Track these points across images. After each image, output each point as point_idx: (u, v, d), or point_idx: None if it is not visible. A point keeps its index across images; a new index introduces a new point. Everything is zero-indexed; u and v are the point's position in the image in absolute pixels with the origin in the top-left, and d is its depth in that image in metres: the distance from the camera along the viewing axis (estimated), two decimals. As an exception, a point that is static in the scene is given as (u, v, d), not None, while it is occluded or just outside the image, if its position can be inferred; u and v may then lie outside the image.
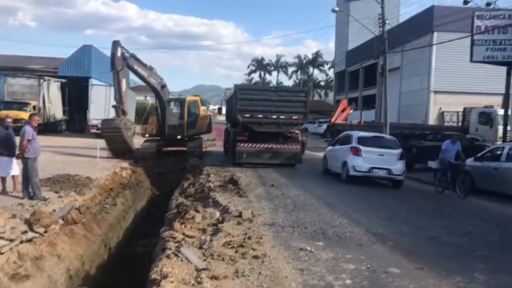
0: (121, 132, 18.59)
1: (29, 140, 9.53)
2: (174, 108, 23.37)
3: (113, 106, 19.91)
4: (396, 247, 7.36)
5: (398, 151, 14.87)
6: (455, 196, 13.14)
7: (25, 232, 7.20)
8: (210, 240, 6.99)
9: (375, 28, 26.61)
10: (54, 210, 9.00)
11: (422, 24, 34.48)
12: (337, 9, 28.56)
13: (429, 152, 19.09)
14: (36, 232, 7.44)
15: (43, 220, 7.75)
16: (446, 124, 33.06)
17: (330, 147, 18.41)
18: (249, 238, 7.13)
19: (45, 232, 7.61)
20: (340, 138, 17.36)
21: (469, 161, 14.51)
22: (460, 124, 28.99)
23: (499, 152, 13.99)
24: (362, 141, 15.07)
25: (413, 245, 7.62)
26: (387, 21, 25.14)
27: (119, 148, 19.19)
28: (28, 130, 9.62)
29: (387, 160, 14.51)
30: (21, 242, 6.89)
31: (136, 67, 19.96)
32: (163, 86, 22.24)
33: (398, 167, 14.49)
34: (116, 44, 18.94)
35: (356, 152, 14.68)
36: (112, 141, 19.09)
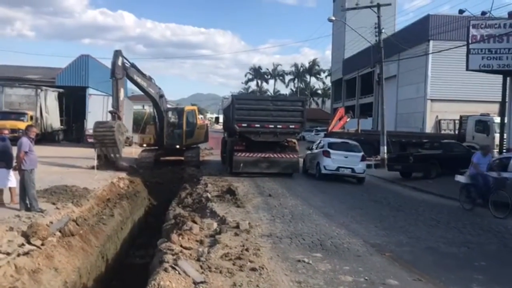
0: (113, 131, 18.45)
1: (26, 152, 9.51)
2: (172, 118, 23.41)
3: (110, 111, 19.98)
4: (394, 258, 7.36)
5: (361, 154, 18.07)
6: (487, 214, 11.82)
7: (22, 245, 7.17)
8: (208, 252, 6.98)
9: (372, 37, 26.77)
10: (51, 222, 8.97)
11: (418, 33, 34.68)
12: (333, 18, 28.73)
13: (427, 161, 19.26)
14: (33, 245, 7.41)
15: (40, 232, 7.72)
16: (443, 132, 33.16)
17: (308, 152, 20.80)
18: (247, 250, 7.11)
19: (42, 244, 7.58)
20: (317, 144, 19.98)
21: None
22: (456, 132, 29.08)
23: (507, 162, 13.01)
24: (331, 146, 18.28)
25: (412, 255, 7.61)
26: (383, 30, 25.32)
27: (108, 150, 19.02)
28: (25, 141, 9.60)
29: (351, 161, 17.73)
30: (18, 255, 6.86)
31: (135, 77, 20.20)
32: (161, 96, 22.41)
33: (360, 166, 17.78)
34: (117, 53, 19.29)
35: (327, 154, 17.80)
36: (103, 141, 18.84)
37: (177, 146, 22.40)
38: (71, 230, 8.72)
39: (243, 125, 17.42)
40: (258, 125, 17.41)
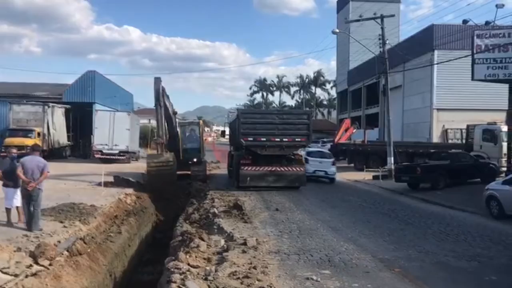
0: (171, 165, 18.98)
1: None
2: (187, 132, 23.76)
3: (155, 141, 20.29)
4: (404, 274, 7.29)
5: (332, 159, 22.56)
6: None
7: (30, 266, 7.17)
8: (215, 271, 6.95)
9: (376, 48, 26.81)
10: (59, 241, 9.00)
11: (423, 43, 34.72)
12: (337, 31, 28.84)
13: (434, 172, 19.12)
14: (41, 265, 7.41)
15: (48, 252, 7.73)
16: (450, 141, 32.98)
17: None
18: (254, 267, 7.08)
19: (50, 265, 7.58)
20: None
21: (495, 185, 13.83)
22: (464, 141, 28.90)
23: None
24: (309, 154, 22.10)
25: (421, 271, 7.53)
26: (387, 41, 25.37)
27: (164, 181, 18.60)
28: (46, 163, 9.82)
29: (324, 166, 21.84)
30: (26, 276, 6.86)
31: (165, 100, 20.77)
32: (175, 113, 23.19)
33: (331, 169, 21.91)
34: (158, 80, 19.72)
35: (305, 161, 20.40)
36: (160, 175, 18.60)
37: (195, 160, 22.60)
38: (79, 249, 8.72)
39: (249, 139, 17.45)
40: (264, 139, 17.43)
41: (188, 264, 7.43)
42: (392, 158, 24.05)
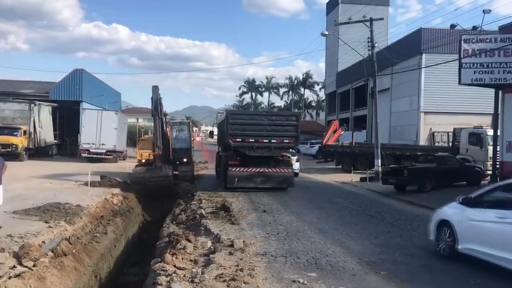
0: (170, 180, 19.11)
1: None
2: (177, 132, 23.68)
3: (154, 152, 20.00)
4: (390, 276, 7.31)
5: (296, 157, 23.68)
6: None
7: (13, 267, 7.06)
8: (202, 273, 6.92)
9: (365, 50, 26.95)
10: (43, 242, 8.89)
11: (411, 46, 35.01)
12: (326, 33, 28.90)
13: (421, 175, 19.28)
14: (25, 266, 7.31)
15: (32, 253, 7.64)
16: (436, 144, 33.30)
17: None
18: (241, 270, 7.06)
19: (34, 265, 7.48)
20: None
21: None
22: (450, 144, 29.21)
23: None
24: None
25: (407, 273, 7.56)
26: (376, 44, 25.51)
27: (161, 192, 19.00)
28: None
29: None
30: (10, 277, 6.76)
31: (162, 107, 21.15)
32: (165, 115, 23.26)
33: (296, 165, 22.90)
34: (156, 89, 19.59)
35: None
36: (158, 187, 18.92)
37: (185, 160, 22.53)
38: (64, 250, 8.62)
39: (238, 140, 17.42)
40: (252, 140, 17.41)
41: (174, 266, 7.39)
42: (380, 160, 24.20)
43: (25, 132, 29.75)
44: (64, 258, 8.56)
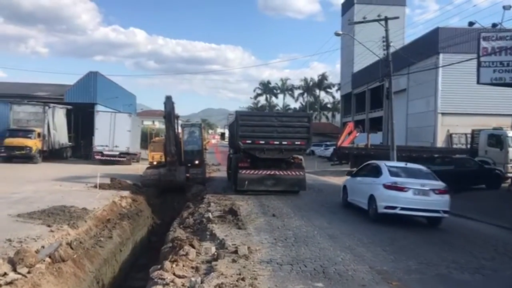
0: (182, 182, 20.28)
1: None
2: (188, 134, 23.56)
3: (169, 160, 20.33)
4: (402, 287, 6.84)
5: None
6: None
7: (4, 274, 6.78)
8: (201, 282, 6.54)
9: (381, 50, 26.33)
10: (43, 247, 8.61)
11: (428, 46, 34.26)
12: (340, 32, 28.32)
13: (439, 177, 18.61)
14: (18, 273, 7.03)
15: (27, 259, 7.35)
16: (454, 146, 32.46)
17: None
18: (243, 279, 6.66)
19: (29, 272, 7.20)
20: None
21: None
22: (469, 146, 28.37)
23: None
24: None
25: (421, 284, 7.08)
26: (391, 44, 24.89)
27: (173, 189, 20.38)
28: None
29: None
30: (0, 285, 6.48)
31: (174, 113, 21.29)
32: (177, 117, 23.18)
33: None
34: (170, 101, 19.92)
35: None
36: (171, 186, 20.24)
37: (196, 162, 22.41)
38: (62, 256, 8.32)
39: (248, 141, 17.03)
40: (263, 142, 17.00)
41: (174, 274, 7.03)
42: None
43: (39, 134, 29.89)
44: (62, 264, 8.27)
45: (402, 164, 13.89)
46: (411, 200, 11.81)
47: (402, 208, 11.82)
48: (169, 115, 19.94)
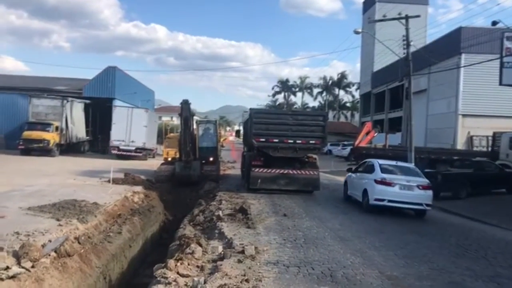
0: (196, 178, 20.57)
1: None
2: (203, 130, 23.53)
3: (186, 157, 20.47)
4: (411, 294, 6.59)
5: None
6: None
7: (6, 268, 6.72)
8: (204, 282, 6.40)
9: (400, 49, 25.82)
10: (49, 241, 8.58)
11: (450, 46, 33.53)
12: (359, 30, 27.82)
13: (456, 180, 18.18)
14: (22, 267, 6.98)
15: (32, 253, 7.30)
16: (475, 149, 31.72)
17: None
18: (247, 280, 6.50)
19: (33, 267, 7.15)
20: None
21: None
22: (489, 149, 27.68)
23: None
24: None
25: (432, 292, 6.82)
26: (412, 43, 24.37)
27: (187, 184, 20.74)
28: None
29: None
30: (2, 279, 6.43)
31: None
32: (193, 115, 23.12)
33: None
34: (186, 106, 20.21)
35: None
36: (186, 181, 20.62)
37: (211, 159, 22.37)
38: (67, 250, 8.27)
39: (261, 139, 16.84)
40: (276, 140, 16.78)
41: (177, 273, 6.91)
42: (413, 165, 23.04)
43: (57, 128, 30.19)
44: (68, 258, 8.22)
45: (393, 163, 15.42)
46: (397, 193, 13.45)
47: (390, 201, 13.43)
48: (186, 119, 20.11)
